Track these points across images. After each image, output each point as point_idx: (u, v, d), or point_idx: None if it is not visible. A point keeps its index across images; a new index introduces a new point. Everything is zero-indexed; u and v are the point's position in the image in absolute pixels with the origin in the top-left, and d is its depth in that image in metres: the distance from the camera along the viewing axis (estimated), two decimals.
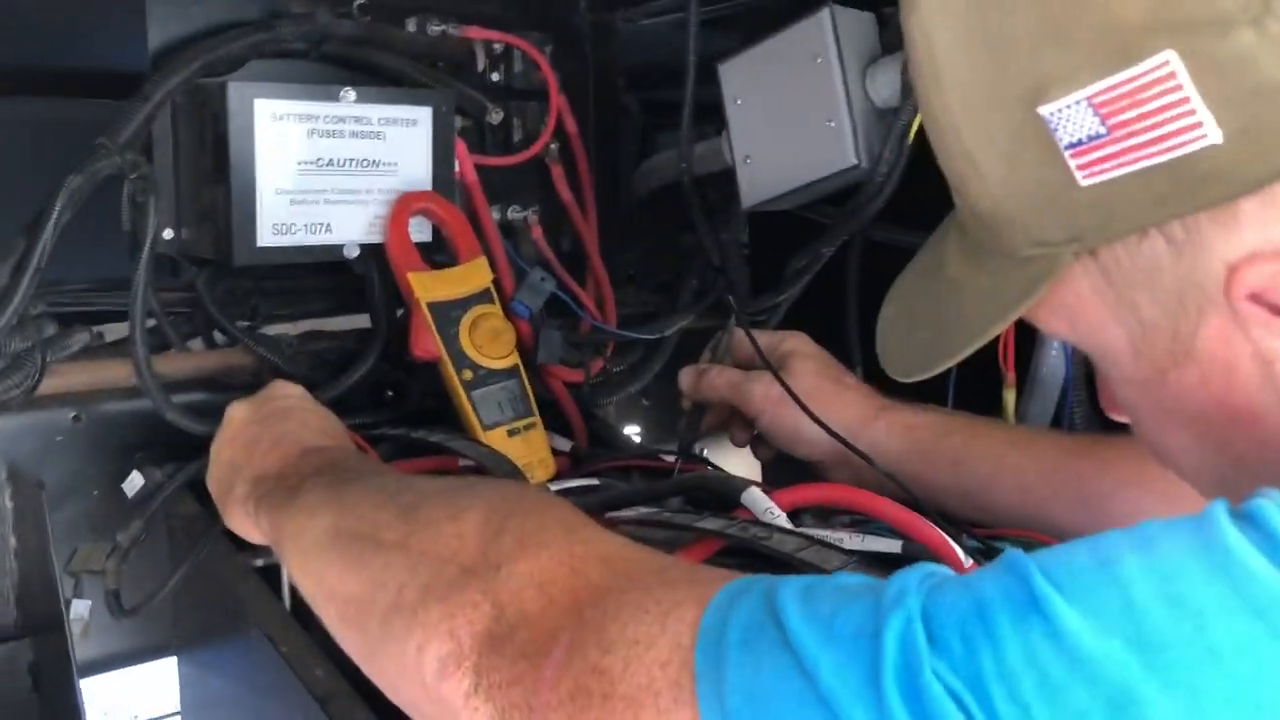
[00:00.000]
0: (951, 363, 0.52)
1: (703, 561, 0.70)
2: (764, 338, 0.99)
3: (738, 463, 1.30)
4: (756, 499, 0.71)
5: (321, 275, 1.08)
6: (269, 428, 0.82)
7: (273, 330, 1.07)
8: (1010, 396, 0.98)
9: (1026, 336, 0.97)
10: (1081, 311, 0.47)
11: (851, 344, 1.12)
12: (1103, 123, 0.39)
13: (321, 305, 1.11)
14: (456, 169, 1.06)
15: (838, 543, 0.73)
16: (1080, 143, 0.40)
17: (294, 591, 0.80)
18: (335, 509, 0.66)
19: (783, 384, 0.89)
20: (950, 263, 0.54)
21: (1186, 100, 0.36)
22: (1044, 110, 0.40)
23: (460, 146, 1.06)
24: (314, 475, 0.74)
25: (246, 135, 0.92)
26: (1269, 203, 0.37)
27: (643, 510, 0.75)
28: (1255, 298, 0.40)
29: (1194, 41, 0.36)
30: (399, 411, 1.06)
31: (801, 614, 0.42)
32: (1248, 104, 0.36)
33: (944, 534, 0.69)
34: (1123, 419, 0.55)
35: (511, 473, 0.85)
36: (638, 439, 1.40)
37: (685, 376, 1.01)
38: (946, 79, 0.46)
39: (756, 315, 1.14)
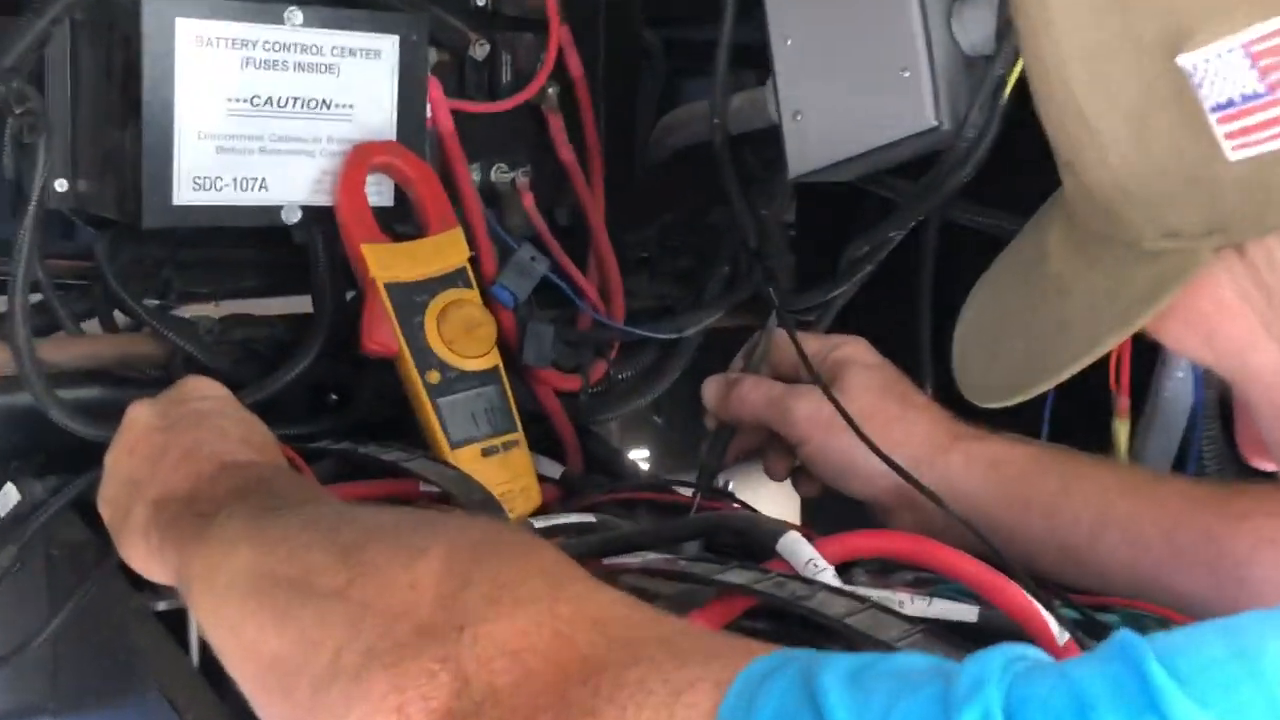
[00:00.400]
0: (1049, 385, 0.51)
1: (724, 627, 0.70)
2: (812, 343, 0.97)
3: (773, 499, 1.29)
4: (796, 547, 0.70)
5: (253, 245, 1.08)
6: (178, 436, 0.81)
7: (190, 312, 1.07)
8: (1123, 430, 0.98)
9: (1146, 354, 0.97)
10: (1221, 323, 0.46)
11: (923, 354, 1.11)
12: (1261, 78, 0.38)
13: (253, 282, 1.11)
14: (428, 116, 1.05)
15: (898, 606, 0.72)
16: (1231, 103, 0.39)
17: (204, 644, 0.80)
18: (258, 545, 0.66)
19: (834, 401, 0.87)
20: (1054, 256, 0.53)
21: None
22: (1184, 60, 0.40)
23: (434, 87, 1.06)
24: (233, 500, 0.73)
25: (164, 64, 0.92)
26: None
27: (650, 557, 0.74)
28: None
29: None
30: (345, 420, 1.06)
31: (849, 705, 0.42)
32: None
33: (1034, 600, 0.68)
34: (1269, 466, 0.54)
35: (484, 503, 0.85)
36: (646, 465, 1.40)
37: (711, 389, 1.00)
38: (1059, 19, 0.45)
39: (802, 314, 1.13)
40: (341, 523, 0.65)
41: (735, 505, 0.98)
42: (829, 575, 0.69)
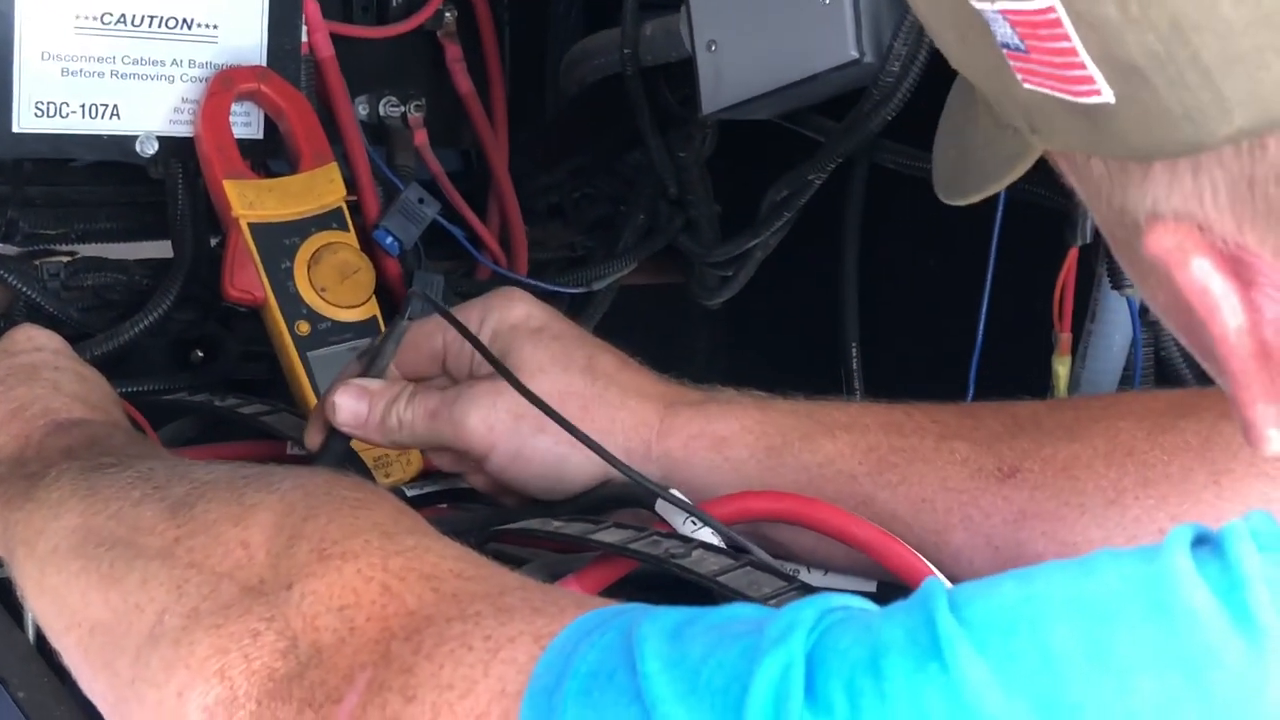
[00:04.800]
0: (963, 202, 0.55)
1: (602, 589, 0.72)
2: (458, 313, 0.85)
3: None
4: (674, 506, 0.72)
5: (111, 182, 1.09)
6: (7, 392, 0.82)
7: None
8: (1063, 368, 0.96)
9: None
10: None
11: (848, 309, 1.13)
12: (1020, 40, 0.43)
13: (109, 224, 1.11)
14: (304, 39, 1.06)
15: (793, 574, 0.75)
16: (1008, 47, 0.44)
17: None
18: (85, 504, 0.67)
19: (528, 394, 0.76)
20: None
21: (1074, 52, 0.42)
22: (977, 3, 0.44)
23: (311, 6, 1.07)
24: (63, 460, 0.74)
25: None
26: (1172, 170, 0.43)
27: (527, 522, 0.76)
28: (1155, 260, 0.44)
29: None
30: (209, 376, 1.08)
31: (664, 656, 0.44)
32: (1123, 75, 0.41)
33: (925, 562, 0.71)
34: None
35: (349, 467, 0.86)
36: None
37: (346, 410, 0.83)
38: None
39: (722, 267, 1.15)
40: (173, 478, 0.66)
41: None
42: (707, 533, 0.71)
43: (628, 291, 1.23)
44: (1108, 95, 0.42)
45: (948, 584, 0.68)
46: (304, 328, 0.99)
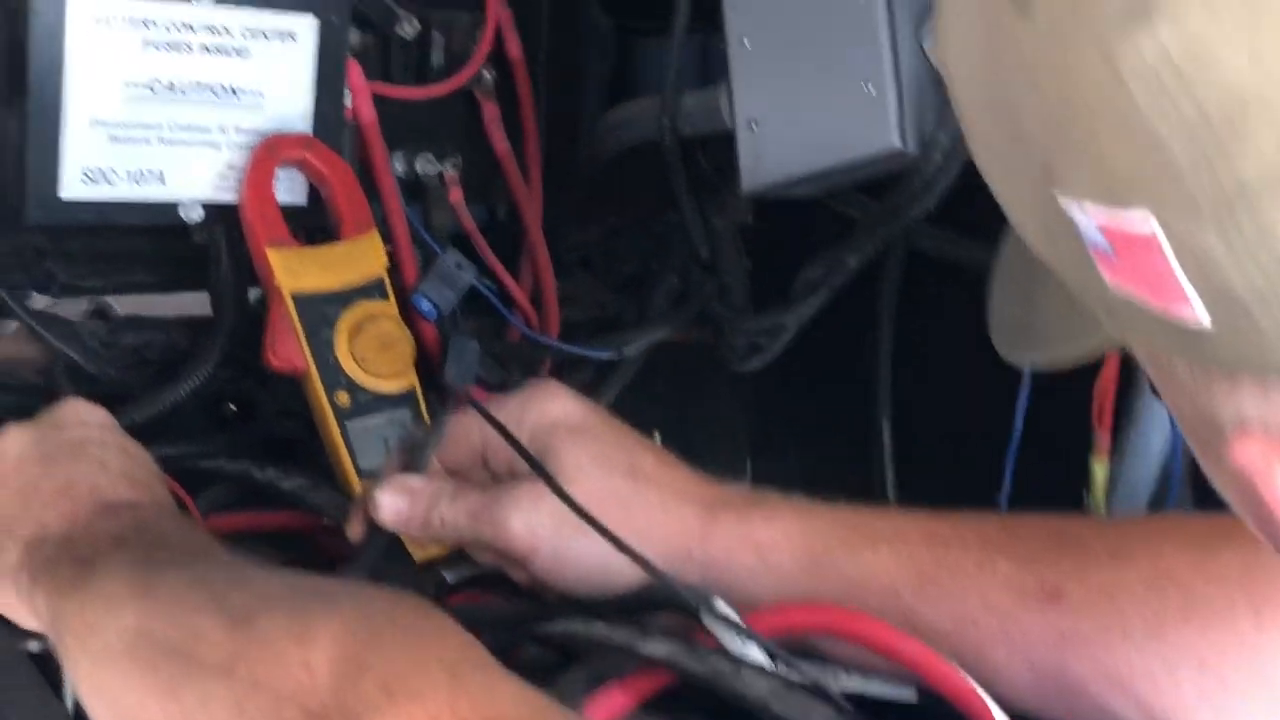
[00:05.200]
0: (1028, 366, 0.56)
1: (646, 699, 0.73)
2: (497, 409, 0.87)
3: None
4: (723, 620, 0.73)
5: (146, 236, 1.09)
6: (53, 469, 0.83)
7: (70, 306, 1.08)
8: (1101, 471, 0.98)
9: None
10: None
11: (880, 387, 1.15)
12: (1109, 243, 0.43)
13: (145, 277, 1.12)
14: (348, 104, 1.07)
15: (833, 678, 0.76)
16: (1096, 246, 0.44)
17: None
18: (141, 605, 0.68)
19: (569, 501, 0.77)
20: None
21: (1171, 274, 0.42)
22: (1059, 197, 0.45)
23: (354, 71, 1.08)
24: (113, 547, 0.75)
25: (53, 42, 0.93)
26: (1262, 383, 0.43)
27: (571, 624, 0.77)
28: (1240, 469, 0.45)
29: (1170, 216, 0.41)
30: (244, 437, 1.08)
31: None
32: (1222, 303, 0.41)
33: (976, 686, 0.72)
34: None
35: (390, 551, 0.87)
36: None
37: (388, 508, 0.86)
38: (970, 121, 0.50)
39: (755, 337, 1.17)
40: (231, 586, 0.67)
41: None
42: (755, 651, 0.72)
43: (660, 346, 1.24)
44: (1203, 319, 0.42)
45: (994, 706, 0.70)
46: (344, 398, 1.00)
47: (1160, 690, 0.71)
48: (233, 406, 1.12)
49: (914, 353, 1.15)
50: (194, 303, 1.10)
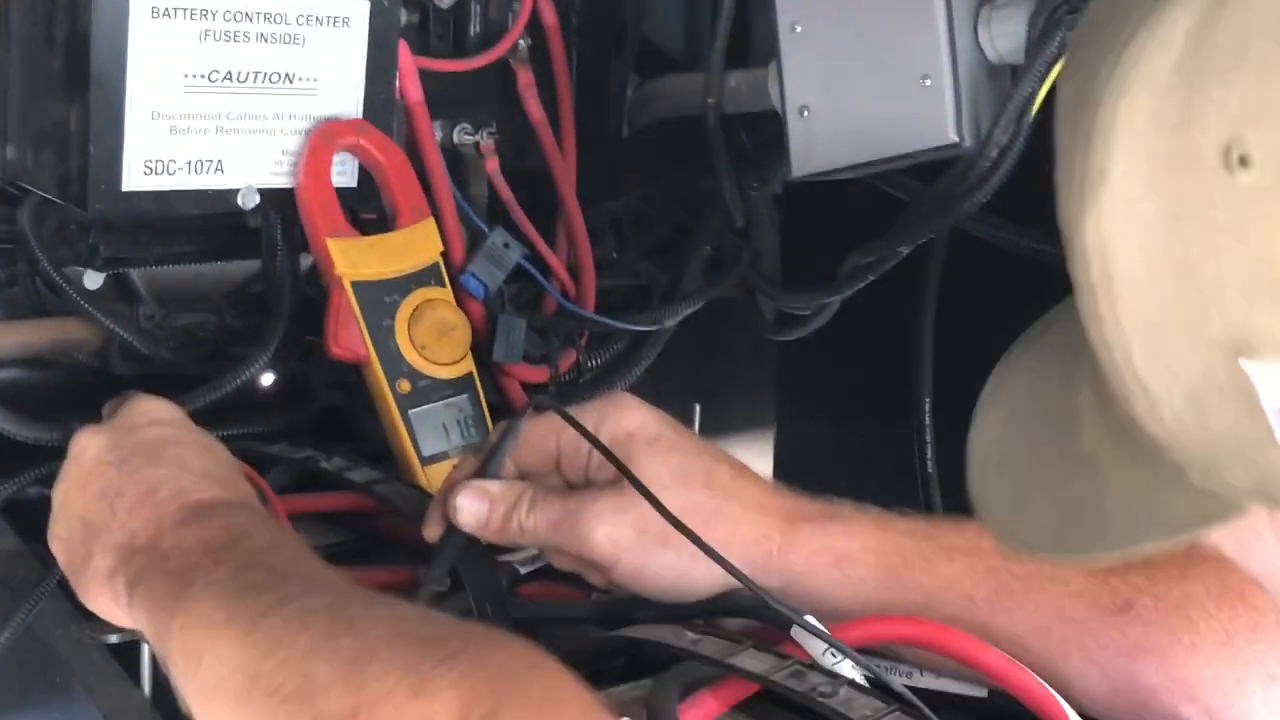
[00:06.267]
0: (1082, 563, 0.56)
1: (734, 707, 0.76)
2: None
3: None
4: (812, 635, 0.76)
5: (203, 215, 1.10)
6: (134, 473, 0.84)
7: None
8: None
9: None
10: (1252, 555, 0.52)
11: (923, 368, 1.17)
12: None
13: (189, 246, 1.12)
14: (397, 87, 1.08)
15: (906, 678, 0.80)
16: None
17: (157, 677, 0.84)
18: (246, 641, 0.69)
19: (662, 510, 0.79)
20: (1086, 431, 0.56)
21: None
22: (1249, 366, 0.46)
23: (403, 51, 1.09)
24: (205, 559, 0.76)
25: (116, 36, 0.94)
26: None
27: (662, 634, 0.80)
28: None
29: None
30: (298, 415, 1.10)
31: None
32: None
33: (1052, 691, 0.76)
34: None
35: (463, 544, 0.89)
36: None
37: (469, 511, 0.86)
38: (1123, 294, 0.50)
39: (797, 309, 1.19)
40: (339, 626, 0.68)
41: None
42: (847, 666, 0.76)
43: None
44: None
45: (1073, 712, 0.74)
46: (405, 386, 1.02)
47: (1230, 701, 0.75)
48: (274, 376, 1.13)
49: (954, 332, 1.18)
50: (237, 269, 1.11)
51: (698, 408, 1.13)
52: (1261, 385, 0.46)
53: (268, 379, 1.10)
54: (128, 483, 0.84)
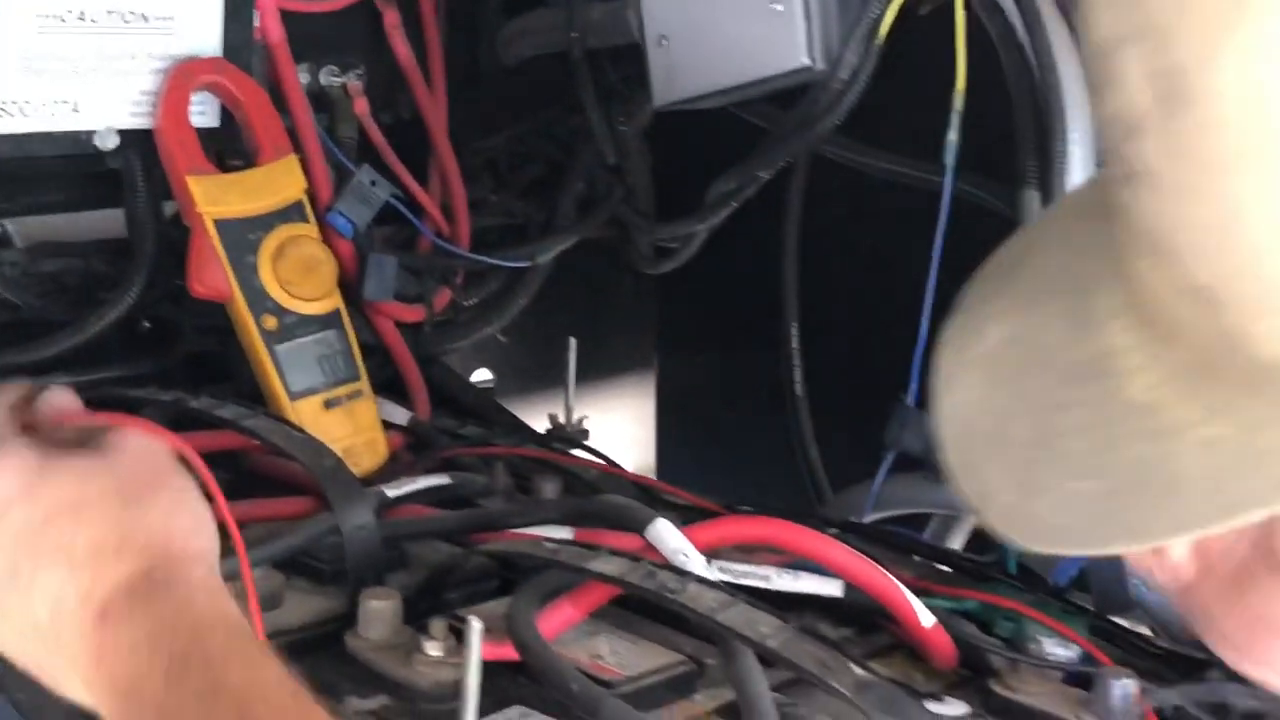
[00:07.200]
0: (1153, 546, 0.47)
1: (593, 610, 0.79)
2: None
3: (629, 439, 1.39)
4: (665, 535, 0.79)
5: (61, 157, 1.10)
6: (129, 517, 0.63)
7: None
8: None
9: None
10: None
11: (788, 290, 1.20)
12: None
13: (55, 196, 1.12)
14: (256, 24, 1.08)
15: (763, 582, 0.83)
16: None
17: None
18: None
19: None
20: (1128, 368, 0.46)
21: None
22: None
23: None
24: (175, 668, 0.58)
25: None
26: None
27: (519, 545, 0.83)
28: None
29: None
30: (166, 358, 1.11)
31: None
32: None
33: (899, 585, 0.79)
34: None
35: (333, 469, 0.90)
36: (489, 385, 1.46)
37: None
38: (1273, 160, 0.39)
39: (667, 242, 1.21)
40: None
41: (598, 458, 1.06)
42: (698, 564, 0.78)
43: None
44: None
45: (921, 606, 0.77)
46: (270, 322, 1.03)
47: None
48: (146, 324, 1.14)
49: (820, 257, 1.21)
50: (105, 221, 1.11)
51: (572, 341, 1.14)
52: None
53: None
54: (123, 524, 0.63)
